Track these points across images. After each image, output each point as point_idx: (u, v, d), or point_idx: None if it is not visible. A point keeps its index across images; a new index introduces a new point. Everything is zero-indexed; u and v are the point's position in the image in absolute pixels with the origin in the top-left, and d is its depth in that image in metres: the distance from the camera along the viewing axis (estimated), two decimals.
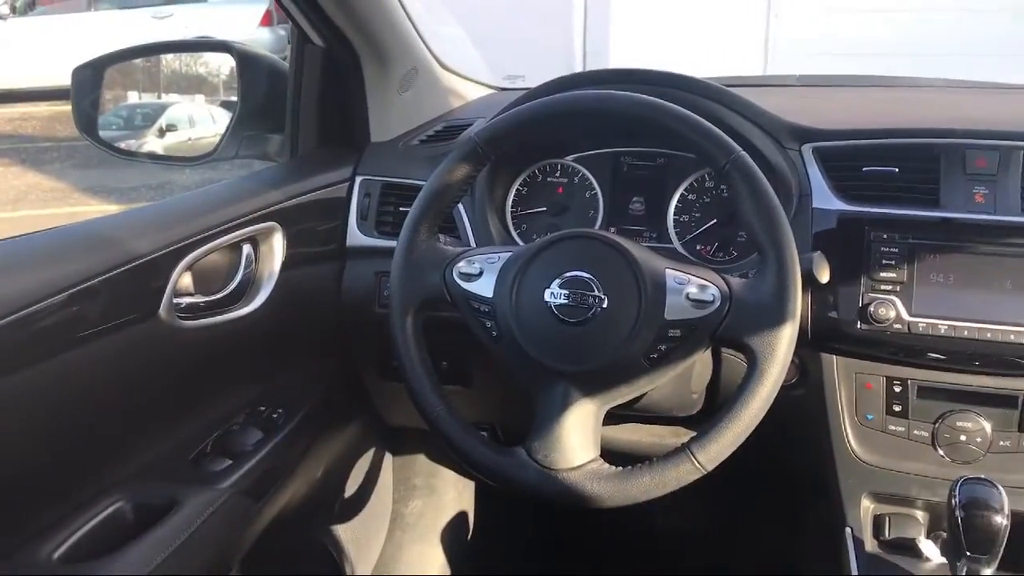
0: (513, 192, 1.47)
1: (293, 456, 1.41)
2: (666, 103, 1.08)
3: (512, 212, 1.47)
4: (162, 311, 1.11)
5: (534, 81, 1.44)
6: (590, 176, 1.44)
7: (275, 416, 1.36)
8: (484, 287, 1.10)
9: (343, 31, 1.40)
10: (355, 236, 1.46)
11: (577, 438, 1.06)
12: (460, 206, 1.37)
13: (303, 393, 1.44)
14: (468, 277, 1.11)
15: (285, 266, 1.32)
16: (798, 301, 1.01)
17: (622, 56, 5.20)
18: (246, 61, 1.48)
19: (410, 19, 1.51)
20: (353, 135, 1.52)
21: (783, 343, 1.00)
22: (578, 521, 1.78)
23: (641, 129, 1.26)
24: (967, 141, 1.21)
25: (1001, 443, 1.16)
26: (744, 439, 1.01)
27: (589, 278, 1.05)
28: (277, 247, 1.32)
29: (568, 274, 1.06)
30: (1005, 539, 1.00)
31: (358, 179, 1.47)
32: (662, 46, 4.93)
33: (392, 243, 1.17)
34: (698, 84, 1.33)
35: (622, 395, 1.09)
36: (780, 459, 1.41)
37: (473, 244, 1.36)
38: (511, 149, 1.15)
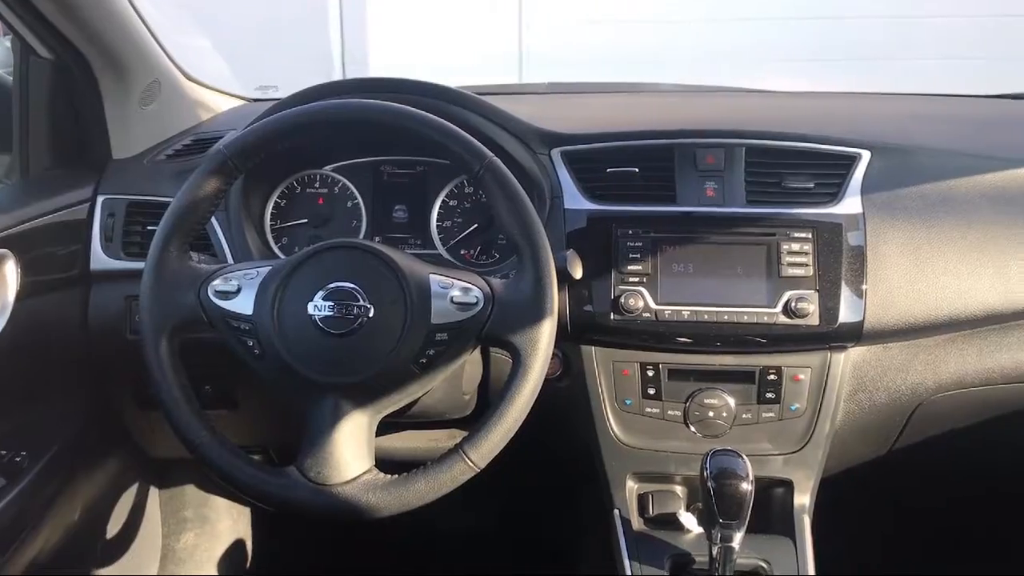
0: (271, 205, 1.43)
1: (41, 501, 1.29)
2: (418, 111, 1.10)
3: (272, 225, 1.43)
4: None
5: (288, 91, 1.41)
6: (351, 186, 1.43)
7: (18, 460, 1.25)
8: (243, 304, 1.07)
9: (72, 42, 1.30)
10: (100, 259, 1.36)
11: (350, 451, 1.05)
12: (214, 222, 1.32)
13: (50, 431, 1.33)
14: (225, 295, 1.08)
15: (21, 295, 1.21)
16: (555, 298, 1.06)
17: (382, 65, 5.19)
18: None
19: (148, 28, 1.43)
20: (92, 152, 1.43)
21: (544, 338, 1.05)
22: (362, 537, 1.76)
23: (396, 138, 1.27)
24: (697, 140, 1.32)
25: (743, 416, 1.26)
26: (513, 433, 1.04)
27: (353, 288, 1.05)
28: (10, 276, 1.20)
29: (332, 285, 1.05)
30: (751, 503, 1.09)
31: (100, 199, 1.38)
32: (422, 55, 4.96)
33: (141, 264, 1.11)
34: (450, 92, 1.35)
35: (394, 403, 1.09)
36: (551, 449, 1.47)
37: (230, 260, 1.31)
38: (264, 161, 1.12)
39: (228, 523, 1.86)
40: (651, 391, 1.28)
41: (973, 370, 1.28)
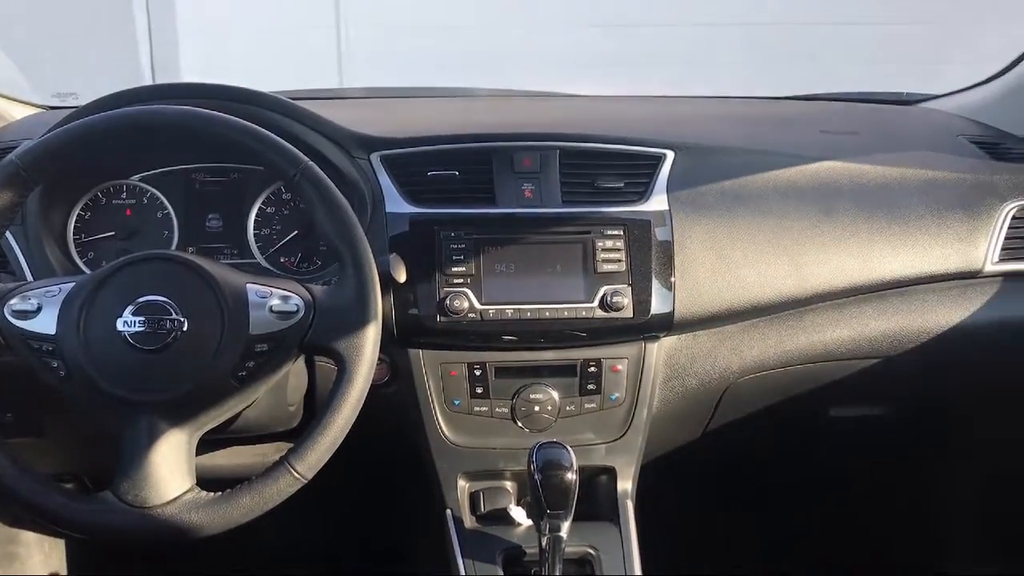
0: (74, 218, 1.35)
1: None
2: (228, 117, 1.07)
3: (76, 240, 1.35)
4: None
5: (88, 98, 1.34)
6: (160, 195, 1.37)
7: None
8: (45, 323, 1.01)
9: None
10: None
11: (168, 470, 1.01)
12: (9, 237, 1.23)
13: None
14: (24, 315, 1.01)
15: None
16: (378, 302, 1.06)
17: (195, 70, 5.00)
18: None
19: None
20: None
21: (368, 344, 1.04)
22: (188, 559, 1.69)
23: (206, 144, 1.23)
24: (514, 144, 1.35)
25: (567, 408, 1.30)
26: (340, 441, 1.04)
27: (165, 301, 1.01)
28: None
29: (142, 299, 1.01)
30: (576, 493, 1.13)
31: None
32: (238, 60, 4.82)
33: None
34: (263, 97, 1.33)
35: (213, 419, 1.06)
36: (383, 452, 1.46)
37: (29, 278, 1.23)
38: (62, 171, 1.06)
39: (40, 558, 1.74)
40: (479, 390, 1.30)
41: (773, 353, 1.38)
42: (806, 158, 1.42)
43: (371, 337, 1.04)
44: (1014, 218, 1.40)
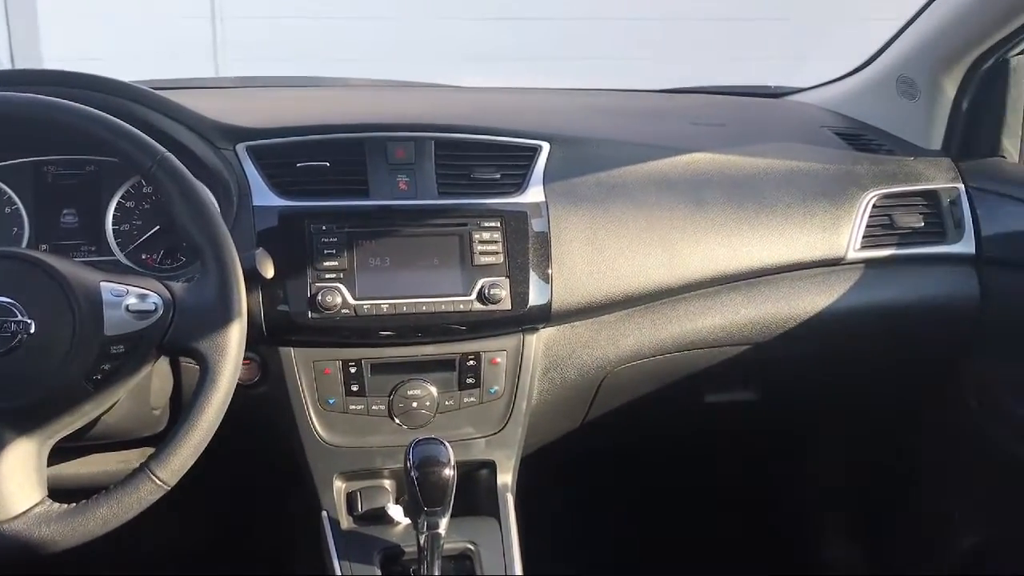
0: None
1: None
2: (77, 104, 1.01)
3: None
4: None
5: None
6: (7, 190, 1.28)
7: None
8: None
9: None
10: None
11: (16, 483, 0.95)
12: None
13: None
14: None
15: None
16: (242, 299, 1.02)
17: (57, 57, 4.75)
18: None
19: None
20: None
21: (233, 343, 1.00)
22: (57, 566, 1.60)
23: (56, 135, 1.16)
24: (388, 134, 1.32)
25: (446, 403, 1.29)
26: (205, 445, 0.99)
27: (9, 302, 0.95)
28: None
29: None
30: (453, 489, 1.12)
31: None
32: (106, 48, 4.60)
33: None
34: (118, 85, 1.26)
35: (67, 426, 1.00)
36: (256, 454, 1.42)
37: None
38: None
39: None
40: (354, 388, 1.26)
41: (649, 341, 1.39)
42: (678, 150, 1.45)
43: (235, 336, 1.00)
44: (874, 207, 1.45)
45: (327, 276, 1.22)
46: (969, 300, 1.47)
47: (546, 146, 1.36)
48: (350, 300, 1.22)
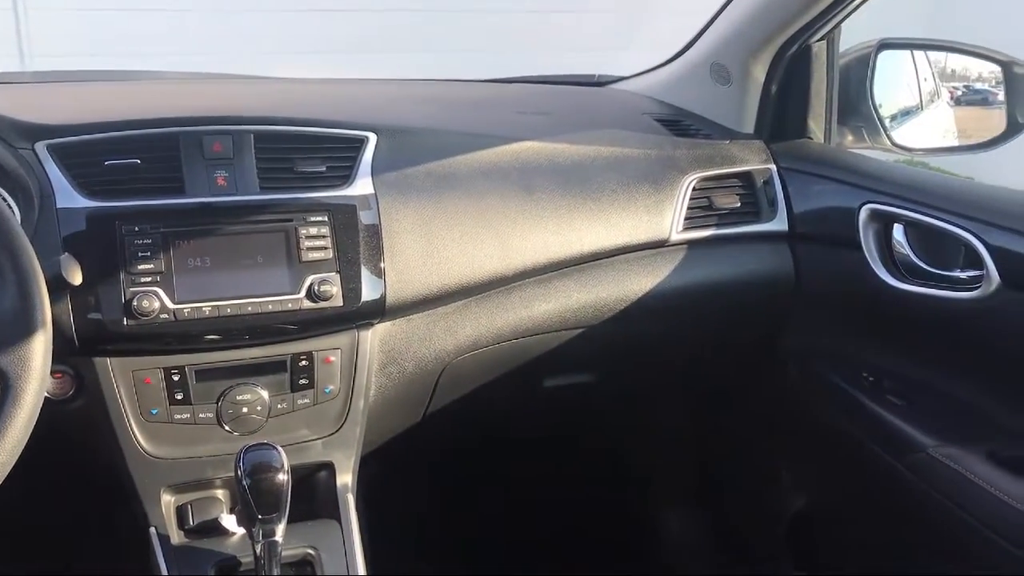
0: None
1: None
2: None
3: None
4: None
5: None
6: None
7: None
8: None
9: None
10: None
11: None
12: None
13: None
14: None
15: None
16: (45, 309, 0.95)
17: None
18: None
19: None
20: None
21: (36, 357, 0.93)
22: None
23: None
24: (203, 128, 1.25)
25: (279, 406, 1.24)
26: (10, 468, 0.91)
27: None
28: None
29: None
30: (289, 494, 1.08)
31: None
32: None
33: None
34: None
35: None
36: (80, 474, 1.34)
37: None
38: None
39: None
40: (178, 396, 1.20)
41: (486, 330, 1.39)
42: (506, 139, 1.45)
43: (38, 348, 0.93)
44: (694, 189, 1.51)
45: (142, 280, 1.15)
46: (785, 274, 1.55)
47: (372, 137, 1.34)
48: (169, 304, 1.15)
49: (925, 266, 1.38)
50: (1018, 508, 1.18)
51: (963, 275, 1.33)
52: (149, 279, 1.15)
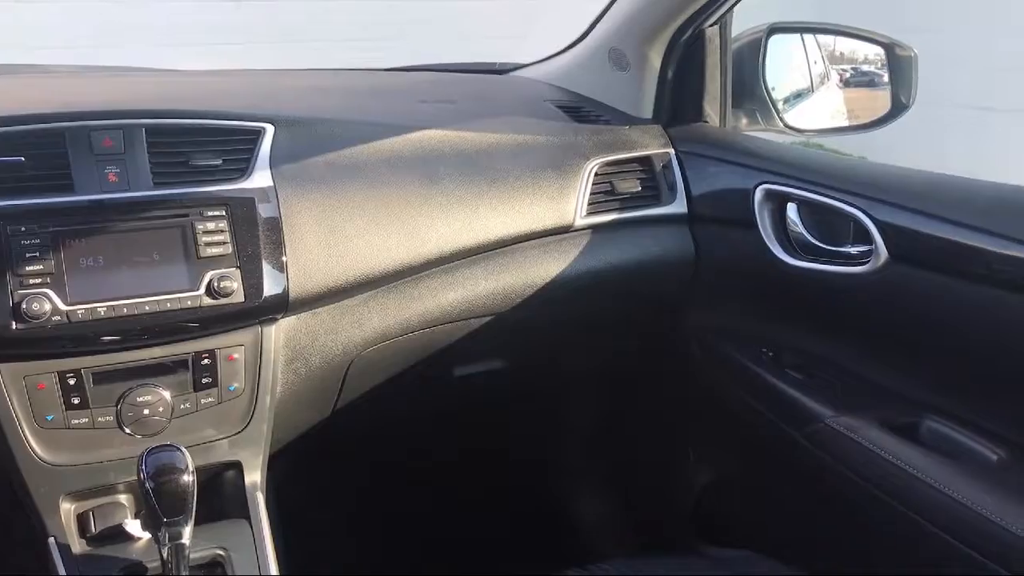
0: None
1: None
2: None
3: None
4: None
5: None
6: None
7: None
8: None
9: None
10: None
11: None
12: None
13: None
14: None
15: None
16: None
17: None
18: None
19: None
20: None
21: None
22: None
23: None
24: (91, 123, 1.21)
25: (182, 406, 1.21)
26: None
27: None
28: None
29: None
30: (195, 496, 1.06)
31: None
32: None
33: None
34: None
35: None
36: None
37: None
38: None
39: None
40: (75, 401, 1.16)
41: (393, 321, 1.39)
42: (409, 127, 1.44)
43: None
44: (596, 175, 1.53)
45: (31, 282, 1.10)
46: (685, 256, 1.59)
47: (270, 128, 1.31)
48: (61, 306, 1.11)
49: (818, 243, 1.43)
50: (910, 471, 1.24)
51: (853, 250, 1.38)
52: (38, 280, 1.11)
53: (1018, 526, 1.10)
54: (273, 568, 1.20)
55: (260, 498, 1.26)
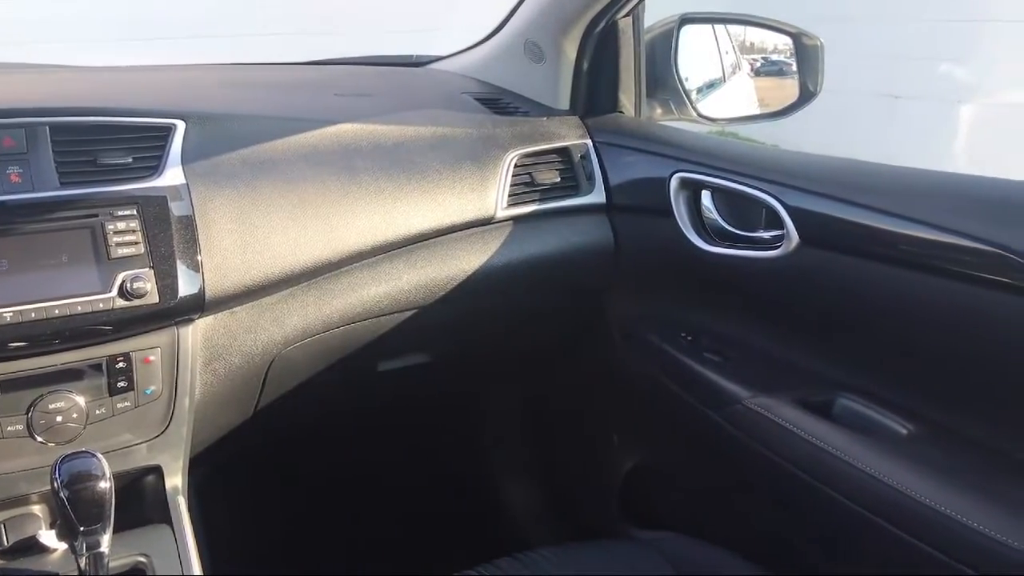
0: None
1: None
2: None
3: None
4: None
5: None
6: None
7: None
8: None
9: None
10: None
11: None
12: None
13: None
14: None
15: None
16: None
17: None
18: None
19: None
20: None
21: None
22: None
23: None
24: None
25: (97, 412, 1.18)
26: None
27: None
28: None
29: None
30: (113, 503, 1.03)
31: None
32: None
33: None
34: None
35: None
36: None
37: None
38: None
39: None
40: None
41: (315, 318, 1.37)
42: (325, 122, 1.43)
43: None
44: (516, 166, 1.53)
45: None
46: (605, 245, 1.61)
47: (181, 124, 1.28)
48: None
49: (732, 229, 1.46)
50: (825, 448, 1.28)
51: (766, 235, 1.41)
52: None
53: (927, 496, 1.15)
54: (197, 570, 1.18)
55: (182, 502, 1.24)
